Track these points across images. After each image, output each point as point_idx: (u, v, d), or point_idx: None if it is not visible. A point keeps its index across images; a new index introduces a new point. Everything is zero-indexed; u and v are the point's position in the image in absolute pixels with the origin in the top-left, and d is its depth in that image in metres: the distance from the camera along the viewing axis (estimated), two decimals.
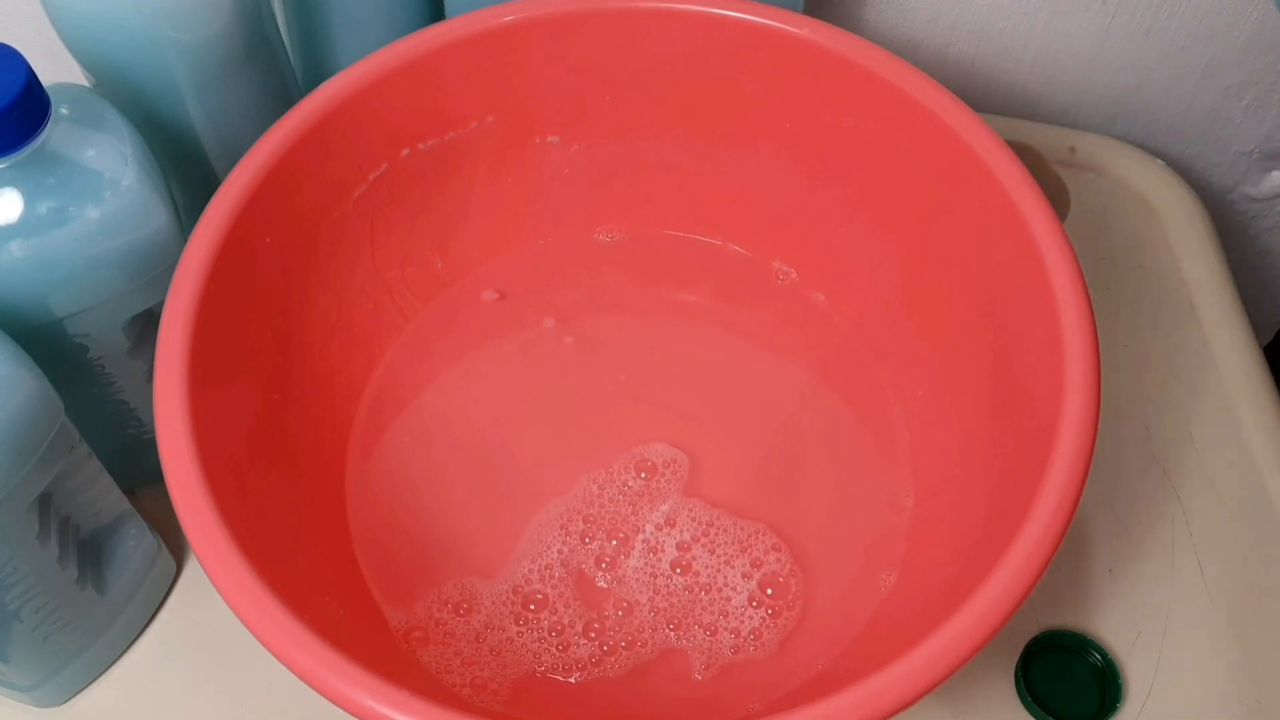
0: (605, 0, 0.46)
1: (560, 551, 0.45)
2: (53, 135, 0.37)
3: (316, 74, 0.54)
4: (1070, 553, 0.47)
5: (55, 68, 0.41)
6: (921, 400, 0.48)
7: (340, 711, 0.32)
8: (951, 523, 0.43)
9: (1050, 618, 0.46)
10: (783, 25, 0.45)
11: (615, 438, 0.48)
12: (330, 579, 0.43)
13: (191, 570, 0.47)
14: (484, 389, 0.50)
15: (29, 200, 0.37)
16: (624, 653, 0.43)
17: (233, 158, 0.42)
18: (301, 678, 0.32)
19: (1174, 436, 0.50)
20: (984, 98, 0.62)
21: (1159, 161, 0.60)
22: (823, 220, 0.50)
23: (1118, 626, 0.46)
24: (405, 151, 0.47)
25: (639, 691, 0.42)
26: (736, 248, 0.53)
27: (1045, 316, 0.38)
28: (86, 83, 0.45)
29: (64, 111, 0.38)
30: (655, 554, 0.45)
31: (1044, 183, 0.41)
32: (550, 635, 0.43)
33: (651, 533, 0.45)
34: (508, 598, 0.44)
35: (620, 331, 0.52)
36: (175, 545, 0.47)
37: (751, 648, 0.43)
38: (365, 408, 0.49)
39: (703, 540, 0.45)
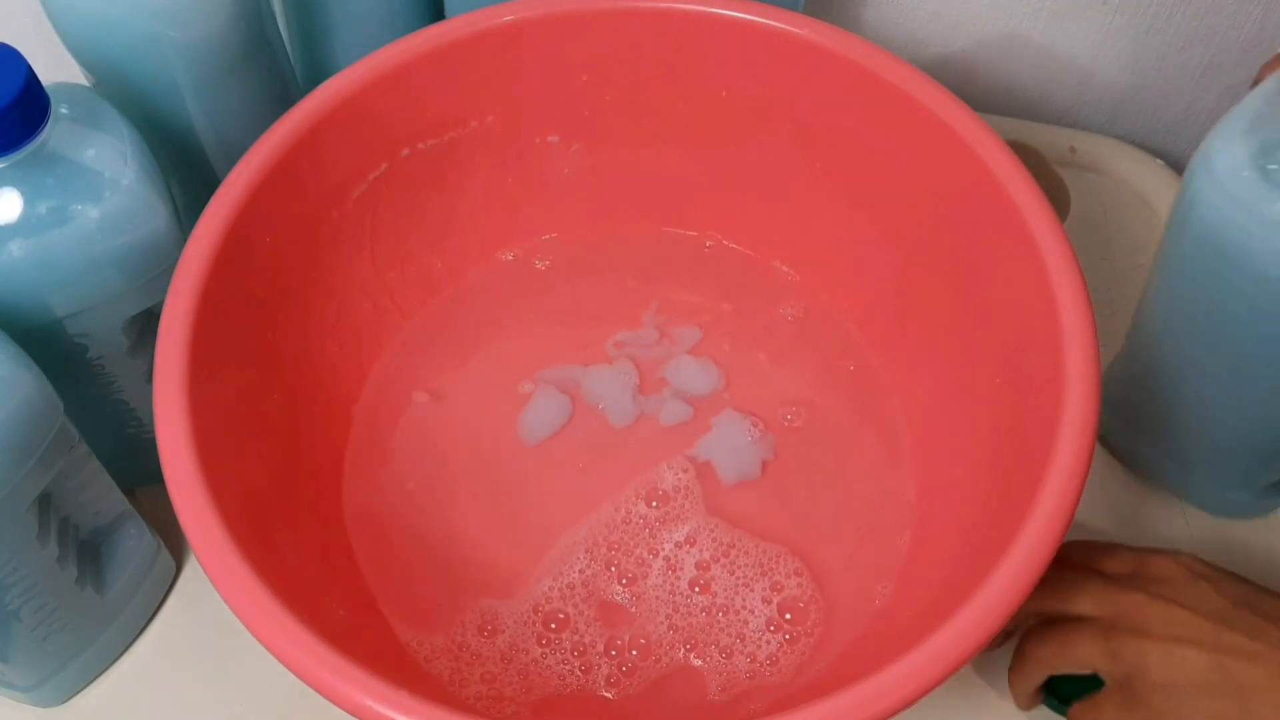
0: (605, 0, 0.46)
1: (582, 571, 0.44)
2: (52, 135, 0.37)
3: (316, 74, 0.54)
4: None
5: (55, 68, 0.41)
6: (922, 400, 0.48)
7: (340, 712, 0.32)
8: (952, 522, 0.43)
9: None
10: (783, 25, 0.45)
11: (625, 443, 0.48)
12: (331, 580, 0.43)
13: (191, 570, 0.47)
14: (481, 391, 0.50)
15: (29, 200, 0.37)
16: (640, 671, 0.42)
17: (233, 158, 0.42)
18: (301, 677, 0.32)
19: None
20: (984, 98, 0.62)
21: (1159, 161, 0.60)
22: (823, 221, 0.50)
23: None
24: (405, 151, 0.47)
25: (655, 710, 0.42)
26: (737, 247, 0.53)
27: (1045, 316, 0.38)
28: (86, 83, 0.45)
29: (64, 111, 0.38)
30: (675, 572, 0.44)
31: (1044, 183, 0.41)
32: (573, 656, 0.42)
33: (671, 550, 0.45)
34: (528, 617, 0.43)
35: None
36: (175, 545, 0.47)
37: (768, 673, 0.42)
38: (364, 409, 0.49)
39: (722, 561, 0.45)
